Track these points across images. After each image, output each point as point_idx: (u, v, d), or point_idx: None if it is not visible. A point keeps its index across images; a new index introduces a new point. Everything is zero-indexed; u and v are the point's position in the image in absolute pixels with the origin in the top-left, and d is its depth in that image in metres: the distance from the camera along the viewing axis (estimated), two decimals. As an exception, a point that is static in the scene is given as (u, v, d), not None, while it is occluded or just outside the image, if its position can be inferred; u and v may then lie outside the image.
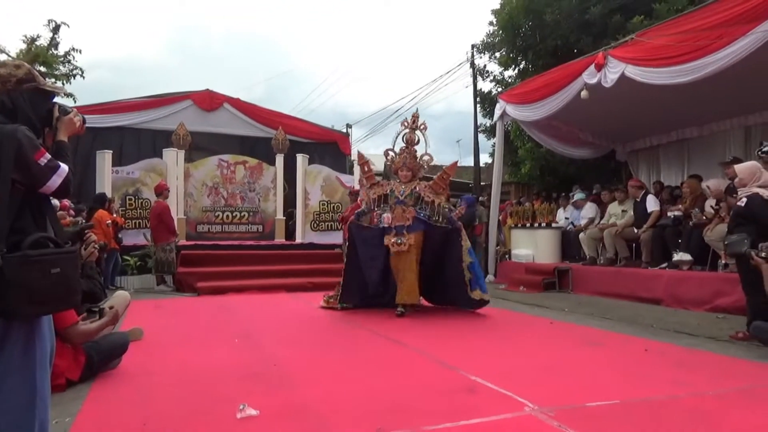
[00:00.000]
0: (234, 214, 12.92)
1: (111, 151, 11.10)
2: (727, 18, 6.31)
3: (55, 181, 1.95)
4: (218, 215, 12.76)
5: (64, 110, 2.18)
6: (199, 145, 13.03)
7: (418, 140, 6.66)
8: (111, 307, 3.85)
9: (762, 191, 5.20)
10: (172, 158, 11.85)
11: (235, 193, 12.98)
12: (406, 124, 6.70)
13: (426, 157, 6.71)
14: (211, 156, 12.96)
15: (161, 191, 9.72)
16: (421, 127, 6.69)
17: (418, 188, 6.45)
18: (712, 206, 7.14)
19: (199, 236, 12.21)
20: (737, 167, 5.34)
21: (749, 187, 5.16)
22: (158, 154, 11.91)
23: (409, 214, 6.26)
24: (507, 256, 10.98)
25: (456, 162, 7.14)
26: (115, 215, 9.63)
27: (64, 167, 1.99)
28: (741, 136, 9.40)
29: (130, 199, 11.16)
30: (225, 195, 12.87)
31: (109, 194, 10.06)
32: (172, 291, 9.28)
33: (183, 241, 11.23)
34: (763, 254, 4.47)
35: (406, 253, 6.20)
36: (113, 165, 11.00)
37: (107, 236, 8.64)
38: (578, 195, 10.20)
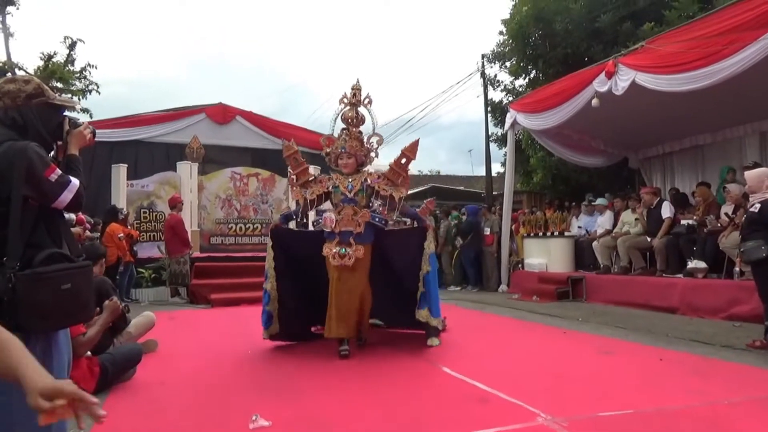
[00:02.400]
0: (247, 226, 12.99)
1: (126, 165, 11.25)
2: (738, 24, 6.29)
3: (66, 196, 1.97)
4: (231, 227, 12.84)
5: (74, 123, 2.21)
6: (213, 158, 13.16)
7: (363, 119, 5.16)
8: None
9: (775, 196, 5.15)
10: (186, 171, 11.97)
11: (248, 205, 13.05)
12: (345, 100, 5.18)
13: (375, 138, 5.23)
14: (224, 168, 13.06)
15: (175, 204, 9.83)
16: (365, 102, 5.13)
17: (369, 180, 5.03)
18: (726, 213, 7.08)
19: (212, 248, 12.29)
20: (747, 174, 5.29)
21: (762, 194, 5.12)
22: (172, 167, 12.04)
23: (362, 218, 4.81)
24: (520, 266, 10.93)
25: (417, 140, 5.18)
26: (129, 228, 9.73)
27: (75, 182, 2.01)
28: (756, 141, 9.31)
29: (144, 212, 11.27)
30: (238, 207, 12.95)
31: (123, 207, 10.18)
32: (186, 303, 9.34)
33: (197, 253, 11.31)
34: None
35: (350, 270, 4.70)
36: (128, 178, 11.15)
37: (120, 249, 8.74)
38: (600, 200, 10.12)
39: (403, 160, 5.02)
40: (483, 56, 16.97)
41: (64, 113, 2.20)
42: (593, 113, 8.53)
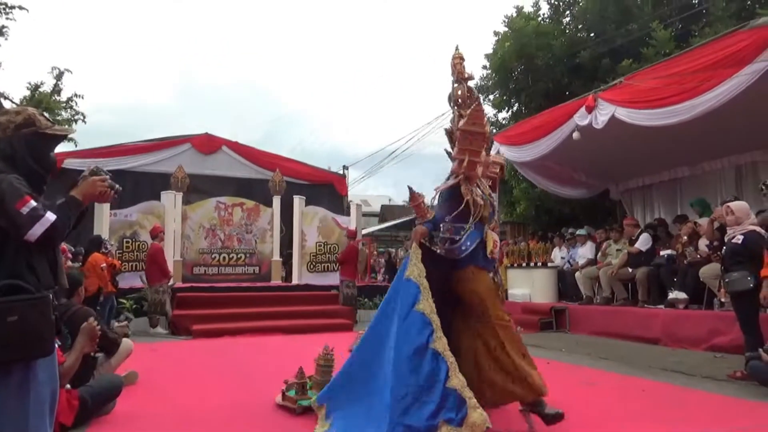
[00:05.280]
0: (231, 256, 12.91)
1: (109, 194, 11.18)
2: (713, 61, 6.51)
3: (37, 230, 1.94)
4: (215, 257, 12.75)
5: (95, 171, 2.20)
6: (198, 188, 13.13)
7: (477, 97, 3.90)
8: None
9: (758, 228, 5.29)
10: (171, 201, 11.93)
11: (232, 234, 13.00)
12: (459, 66, 3.86)
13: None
14: (209, 198, 13.04)
15: (156, 234, 9.80)
16: (468, 78, 3.90)
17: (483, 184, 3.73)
18: (707, 245, 7.21)
19: (195, 278, 12.17)
20: (735, 205, 5.42)
21: (743, 226, 5.24)
22: (156, 197, 11.99)
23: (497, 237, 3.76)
24: (504, 296, 10.95)
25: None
26: (112, 258, 9.62)
27: (49, 218, 1.97)
28: (732, 175, 9.54)
29: (127, 242, 11.16)
30: (222, 237, 12.89)
31: (108, 238, 10.08)
32: (167, 334, 9.20)
33: (179, 283, 11.20)
34: None
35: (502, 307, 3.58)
36: (111, 208, 11.06)
37: (101, 280, 8.62)
38: (580, 231, 10.25)
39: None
40: (467, 89, 17.28)
41: (60, 142, 2.18)
42: (574, 146, 8.71)
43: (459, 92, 3.83)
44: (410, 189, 4.44)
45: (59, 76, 14.88)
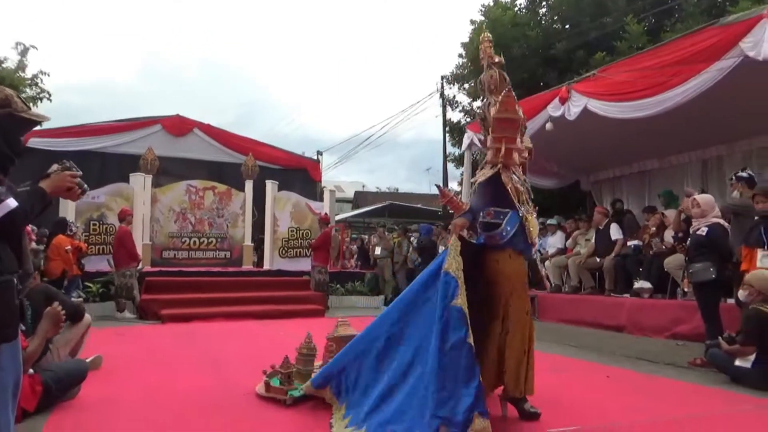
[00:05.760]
0: (201, 240, 12.76)
1: (76, 176, 10.92)
2: (683, 57, 6.62)
3: None
4: (185, 241, 12.59)
5: (66, 167, 2.16)
6: (168, 171, 12.90)
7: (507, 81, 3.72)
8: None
9: (722, 221, 5.44)
10: (140, 183, 11.71)
11: (203, 218, 12.84)
12: (488, 49, 3.74)
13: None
14: (180, 181, 12.83)
15: (124, 217, 9.61)
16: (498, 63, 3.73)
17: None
18: (673, 236, 7.38)
19: (164, 262, 12.00)
20: (701, 198, 5.55)
21: (707, 218, 5.38)
22: (125, 179, 11.75)
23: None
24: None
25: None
26: (77, 241, 9.41)
27: (8, 204, 1.93)
28: (698, 168, 9.78)
29: (94, 224, 10.93)
30: (193, 221, 12.72)
31: (72, 219, 9.85)
32: (134, 319, 9.06)
33: (147, 268, 11.03)
34: None
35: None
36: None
37: (66, 262, 8.44)
38: (550, 221, 10.38)
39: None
40: (442, 77, 17.33)
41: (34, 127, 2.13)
42: (547, 137, 8.78)
43: (490, 77, 3.69)
44: (438, 187, 4.16)
45: (24, 53, 14.39)
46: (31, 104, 12.83)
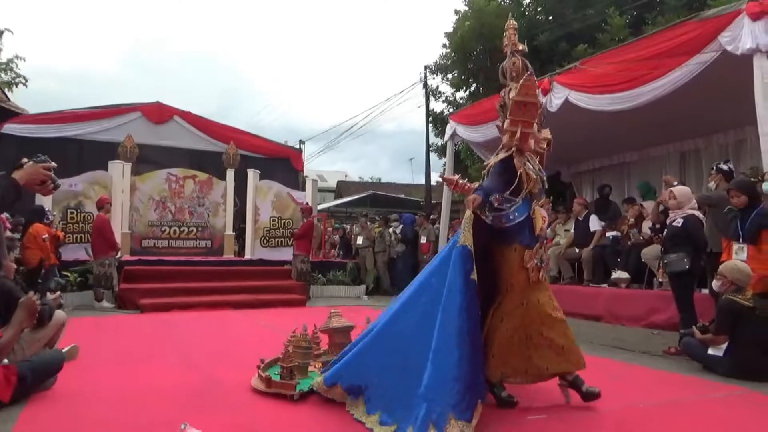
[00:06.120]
0: (182, 229, 12.64)
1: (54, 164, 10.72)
2: (662, 50, 6.70)
3: None
4: (165, 230, 12.46)
5: (41, 160, 2.12)
6: (147, 158, 12.74)
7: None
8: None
9: (698, 213, 5.53)
10: (118, 171, 11.54)
11: (184, 207, 12.71)
12: (513, 37, 3.72)
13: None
14: (160, 170, 12.67)
15: (102, 205, 9.48)
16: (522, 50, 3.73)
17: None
18: (650, 227, 7.50)
19: (144, 251, 11.88)
20: (678, 190, 5.63)
21: (683, 210, 5.47)
22: (103, 167, 11.56)
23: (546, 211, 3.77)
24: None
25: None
26: (55, 229, 9.26)
27: None
28: (677, 160, 9.93)
29: (71, 213, 10.76)
30: (173, 209, 12.59)
31: (49, 207, 9.68)
32: (113, 308, 8.97)
33: (126, 257, 10.91)
34: None
35: (541, 290, 3.55)
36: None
37: (43, 251, 8.30)
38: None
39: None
40: (426, 67, 17.30)
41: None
42: (529, 128, 8.84)
43: (512, 64, 3.68)
44: (443, 177, 4.05)
45: (-2, 36, 14.07)
46: (7, 91, 12.60)
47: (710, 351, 4.62)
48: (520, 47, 3.69)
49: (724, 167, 6.24)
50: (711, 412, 3.48)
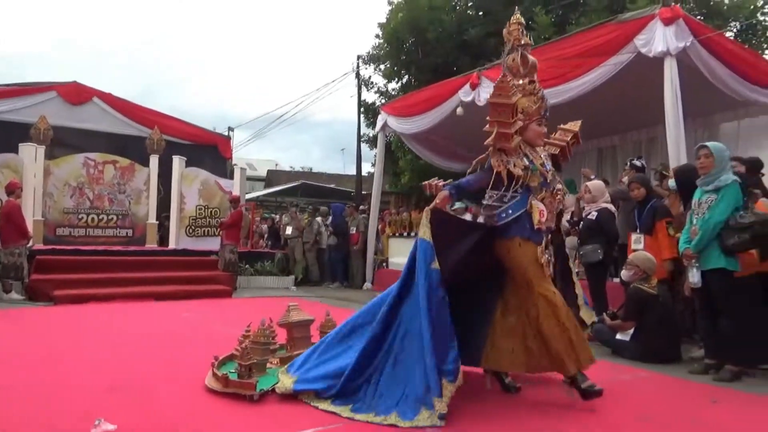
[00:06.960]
0: (101, 217, 12.04)
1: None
2: (584, 50, 7.02)
3: None
4: (82, 218, 11.83)
5: None
6: (63, 141, 12.02)
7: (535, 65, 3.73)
8: None
9: (610, 206, 5.85)
10: (30, 154, 10.83)
11: (103, 194, 12.10)
12: (516, 32, 3.67)
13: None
14: (77, 153, 12.00)
15: (13, 190, 8.87)
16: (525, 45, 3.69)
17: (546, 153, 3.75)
18: (567, 220, 7.84)
19: (58, 240, 11.23)
20: (592, 184, 5.93)
21: (598, 204, 5.78)
22: (14, 149, 10.82)
23: (562, 203, 3.77)
24: (384, 264, 11.26)
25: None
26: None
27: None
28: (594, 156, 10.44)
29: (-23, 198, 10.01)
30: (91, 196, 11.96)
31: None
32: (23, 300, 8.45)
33: (38, 245, 10.28)
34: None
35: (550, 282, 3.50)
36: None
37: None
38: (458, 204, 10.68)
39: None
40: (359, 57, 17.22)
41: None
42: (458, 121, 9.03)
43: (512, 60, 3.60)
44: (424, 185, 4.12)
45: None
46: None
47: (618, 336, 4.92)
48: (523, 41, 3.63)
49: (637, 163, 6.62)
50: (618, 393, 3.70)
